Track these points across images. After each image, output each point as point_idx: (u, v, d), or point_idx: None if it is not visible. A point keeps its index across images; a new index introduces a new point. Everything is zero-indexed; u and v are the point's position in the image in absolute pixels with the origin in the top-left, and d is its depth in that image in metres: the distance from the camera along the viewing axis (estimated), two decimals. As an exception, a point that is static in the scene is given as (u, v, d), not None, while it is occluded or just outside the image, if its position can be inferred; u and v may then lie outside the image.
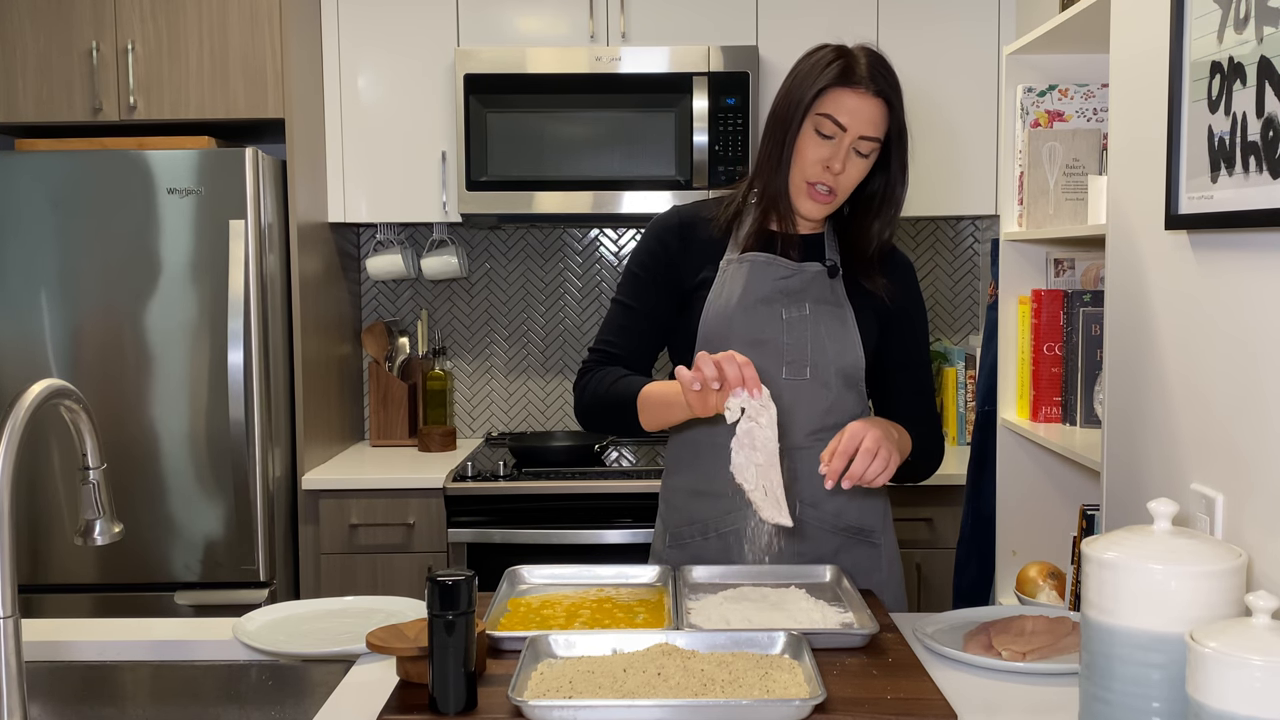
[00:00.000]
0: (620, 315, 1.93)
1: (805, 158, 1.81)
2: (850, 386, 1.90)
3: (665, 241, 1.92)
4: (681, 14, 3.37)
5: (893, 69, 1.82)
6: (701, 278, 1.89)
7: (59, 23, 3.18)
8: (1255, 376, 1.39)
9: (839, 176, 1.80)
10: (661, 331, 1.94)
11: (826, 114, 1.78)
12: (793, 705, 1.31)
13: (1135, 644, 1.22)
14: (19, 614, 1.29)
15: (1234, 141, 1.38)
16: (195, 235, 3.05)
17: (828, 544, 1.90)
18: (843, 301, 1.88)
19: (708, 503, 1.90)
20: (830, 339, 1.86)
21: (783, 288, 1.87)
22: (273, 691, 1.66)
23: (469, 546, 3.18)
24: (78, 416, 1.40)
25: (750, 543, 1.80)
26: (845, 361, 1.87)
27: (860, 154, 1.80)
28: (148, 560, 3.09)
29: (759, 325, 1.85)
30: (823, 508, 1.90)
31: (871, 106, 1.78)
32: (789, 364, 1.86)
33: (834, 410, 1.88)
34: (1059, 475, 2.63)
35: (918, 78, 3.42)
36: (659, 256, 1.92)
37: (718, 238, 1.91)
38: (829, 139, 1.80)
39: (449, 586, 1.35)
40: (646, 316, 1.92)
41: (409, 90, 3.44)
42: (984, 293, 3.70)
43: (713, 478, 1.85)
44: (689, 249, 1.91)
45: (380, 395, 3.66)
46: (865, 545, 1.94)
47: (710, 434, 1.86)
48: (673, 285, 1.91)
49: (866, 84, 1.77)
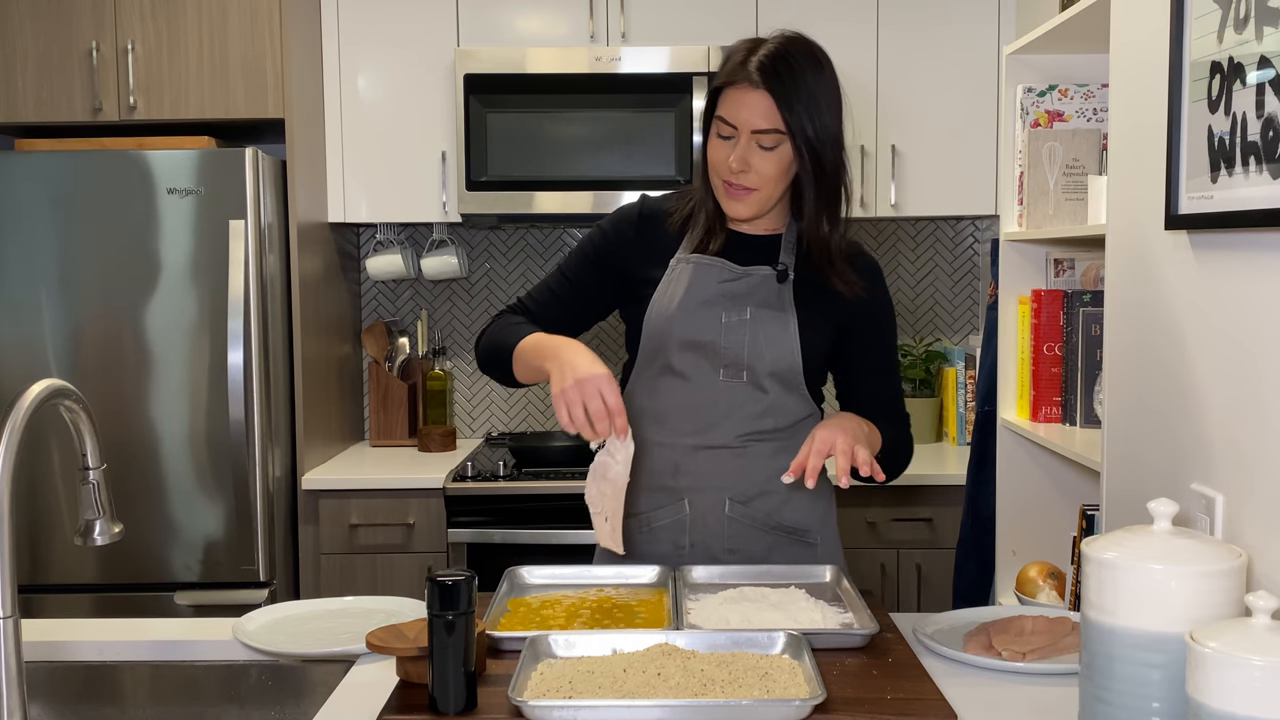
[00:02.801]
0: (555, 282, 1.96)
1: (713, 158, 1.83)
2: (790, 389, 1.89)
3: (620, 230, 1.94)
4: (681, 14, 3.37)
5: (799, 60, 1.77)
6: (651, 275, 1.90)
7: (59, 23, 3.18)
8: (1255, 376, 1.39)
9: (746, 174, 1.79)
10: (585, 310, 1.97)
11: (720, 115, 1.80)
12: (793, 705, 1.30)
13: (1135, 644, 1.22)
14: (19, 614, 1.29)
15: (1234, 141, 1.38)
16: (195, 235, 3.05)
17: (759, 542, 1.91)
18: (787, 306, 1.86)
19: (646, 495, 1.91)
20: (768, 344, 1.85)
21: (726, 291, 1.86)
22: (273, 691, 1.66)
23: (469, 546, 3.18)
24: (78, 416, 1.40)
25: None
26: (782, 365, 1.86)
27: (764, 147, 1.78)
28: (148, 560, 3.09)
29: (698, 328, 1.86)
30: (753, 505, 1.90)
31: (758, 99, 1.76)
32: (725, 367, 1.86)
33: (771, 413, 1.89)
34: (1059, 475, 2.63)
35: (918, 78, 3.42)
36: (610, 243, 1.94)
37: (672, 234, 1.91)
38: (727, 139, 1.80)
39: (449, 586, 1.35)
40: (577, 293, 1.95)
41: (409, 90, 3.44)
42: (984, 293, 3.70)
43: (649, 470, 1.89)
44: (642, 243, 1.92)
45: (380, 395, 3.66)
46: (800, 545, 1.94)
47: (638, 429, 1.87)
48: (615, 274, 1.93)
49: (752, 78, 1.75)
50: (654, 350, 1.89)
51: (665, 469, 1.90)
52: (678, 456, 1.90)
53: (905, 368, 3.64)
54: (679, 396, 1.89)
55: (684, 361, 1.87)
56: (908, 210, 3.46)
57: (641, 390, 1.92)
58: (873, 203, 3.45)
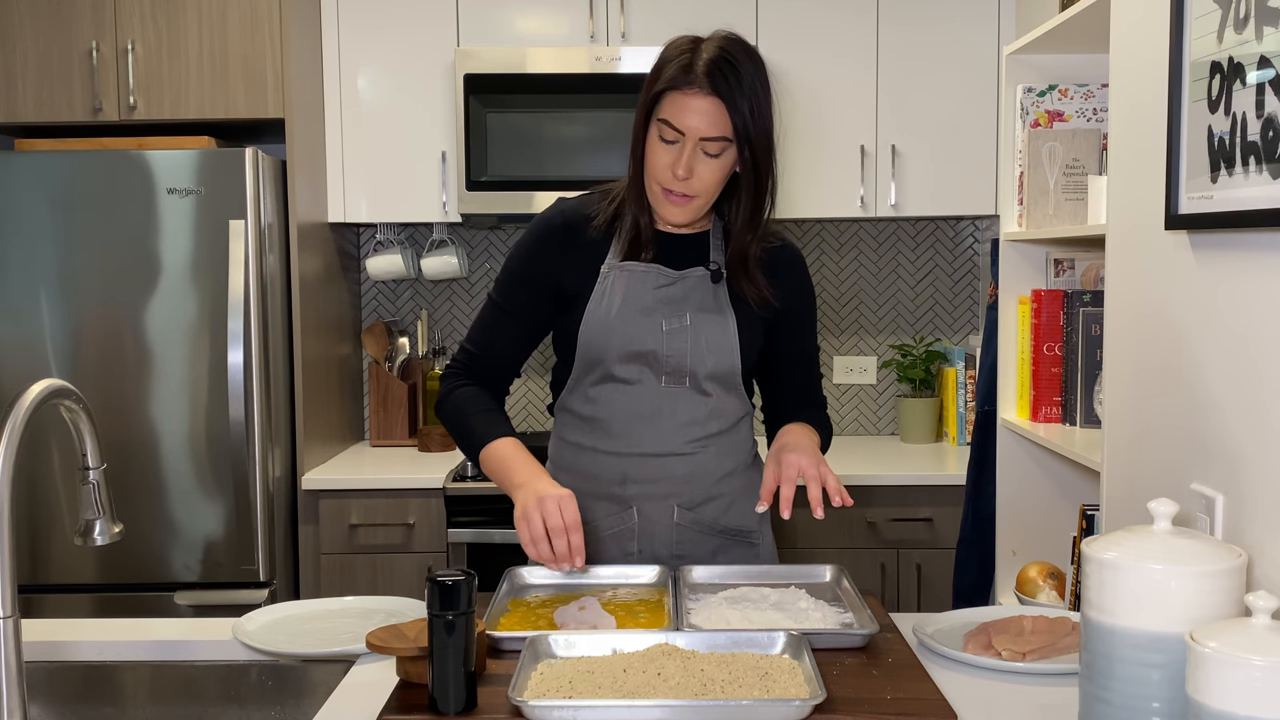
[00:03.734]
0: (490, 314, 1.92)
1: (654, 164, 1.78)
2: (729, 390, 1.89)
3: (545, 245, 1.87)
4: (681, 14, 3.37)
5: (743, 62, 1.74)
6: (582, 284, 1.85)
7: (59, 23, 3.18)
8: (1255, 376, 1.39)
9: (688, 181, 1.76)
10: (531, 334, 1.93)
11: (665, 119, 1.74)
12: (793, 705, 1.30)
13: (1135, 644, 1.22)
14: (19, 614, 1.29)
15: (1234, 141, 1.38)
16: (195, 235, 3.05)
17: (706, 545, 1.92)
18: (724, 308, 1.85)
19: (590, 504, 1.88)
20: (709, 349, 1.84)
21: (663, 297, 1.84)
22: (273, 691, 1.66)
23: (469, 546, 3.18)
24: (78, 416, 1.40)
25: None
26: (723, 369, 1.86)
27: (709, 154, 1.75)
28: (148, 560, 3.09)
29: (638, 337, 1.83)
30: (700, 511, 1.91)
31: (707, 105, 1.72)
32: (668, 374, 1.85)
33: (715, 415, 1.89)
34: (1059, 475, 2.63)
35: (918, 78, 3.42)
36: (536, 262, 1.87)
37: (598, 239, 1.86)
38: (671, 144, 1.75)
39: (449, 586, 1.35)
40: (515, 319, 1.90)
41: (409, 90, 3.44)
42: (984, 293, 3.70)
43: (595, 478, 1.89)
44: (569, 253, 1.86)
45: (380, 395, 3.66)
46: (743, 545, 1.95)
47: (591, 439, 1.89)
48: (548, 291, 1.88)
49: (702, 84, 1.72)
50: (593, 360, 1.85)
51: (612, 478, 1.88)
52: (625, 466, 1.88)
53: (905, 368, 3.65)
54: (622, 404, 1.86)
55: (626, 370, 1.85)
56: (908, 210, 3.46)
57: (581, 398, 1.90)
58: (873, 203, 3.45)
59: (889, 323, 3.81)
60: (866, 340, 3.81)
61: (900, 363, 3.68)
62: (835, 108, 3.40)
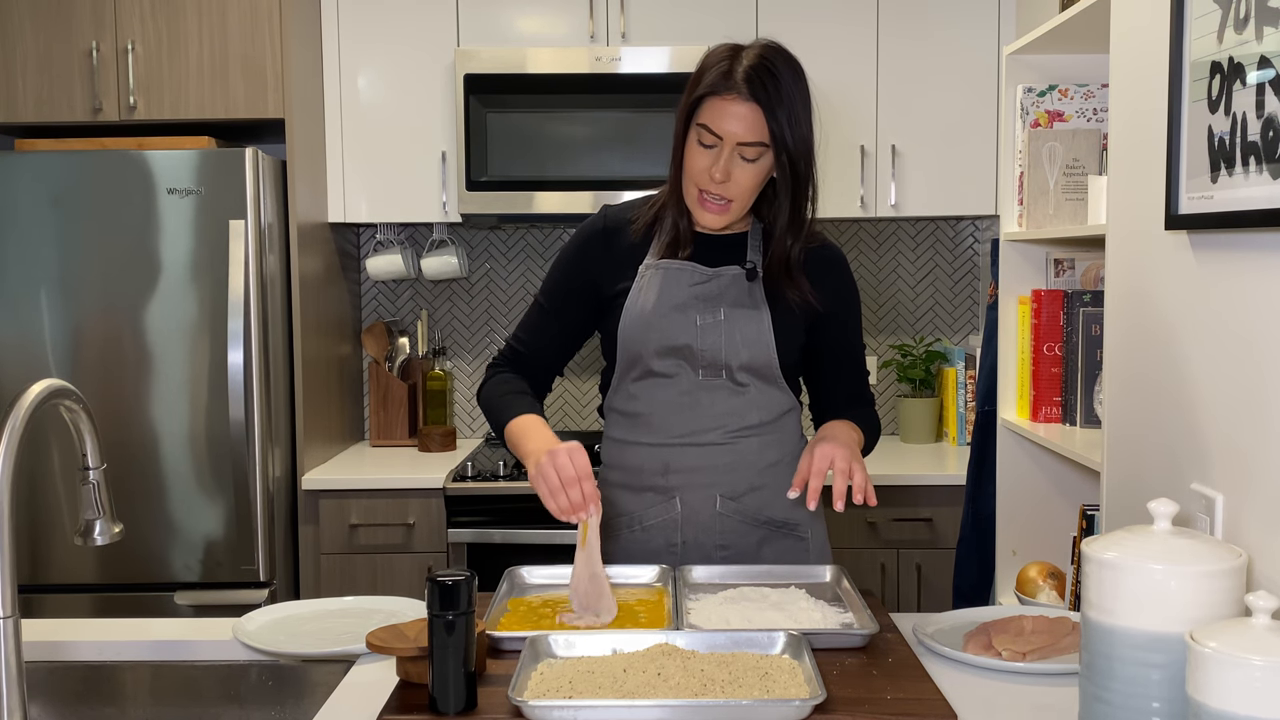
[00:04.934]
0: (535, 315, 2.00)
1: (692, 167, 1.82)
2: (769, 383, 1.92)
3: (588, 249, 1.95)
4: (681, 14, 3.37)
5: (783, 71, 1.77)
6: (622, 284, 1.91)
7: (59, 23, 3.18)
8: (1255, 376, 1.39)
9: (725, 184, 1.80)
10: (573, 336, 2.01)
11: (704, 124, 1.78)
12: (793, 705, 1.31)
13: (1135, 644, 1.22)
14: (19, 614, 1.29)
15: (1234, 141, 1.38)
16: (195, 235, 3.05)
17: (751, 536, 1.94)
18: (760, 304, 1.89)
19: (635, 496, 1.94)
20: (744, 343, 1.88)
21: (698, 293, 1.88)
22: (273, 691, 1.66)
23: (469, 546, 3.18)
24: (78, 416, 1.40)
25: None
26: (759, 362, 1.89)
27: (746, 159, 1.79)
28: (148, 560, 3.09)
29: (674, 332, 1.87)
30: (744, 501, 1.92)
31: (746, 111, 1.76)
32: (704, 368, 1.89)
33: (754, 407, 1.91)
34: (1059, 475, 2.63)
35: (918, 78, 3.42)
36: (578, 265, 1.96)
37: (638, 243, 1.92)
38: (710, 148, 1.80)
39: (449, 586, 1.35)
40: (558, 321, 1.98)
41: (409, 90, 3.44)
42: (984, 293, 3.70)
43: (639, 471, 1.92)
44: (610, 256, 1.93)
45: (380, 395, 3.66)
46: (790, 539, 1.96)
47: (635, 433, 1.93)
48: (589, 294, 1.95)
49: (740, 90, 1.75)
50: (632, 357, 1.91)
51: (655, 468, 1.92)
52: (667, 455, 1.91)
53: (905, 368, 3.65)
54: (662, 396, 1.91)
55: (664, 365, 1.89)
56: (908, 210, 3.46)
57: (624, 395, 1.95)
58: (873, 203, 3.45)
59: (889, 322, 3.81)
60: (867, 340, 3.81)
61: (900, 363, 3.68)
62: (835, 107, 3.40)
